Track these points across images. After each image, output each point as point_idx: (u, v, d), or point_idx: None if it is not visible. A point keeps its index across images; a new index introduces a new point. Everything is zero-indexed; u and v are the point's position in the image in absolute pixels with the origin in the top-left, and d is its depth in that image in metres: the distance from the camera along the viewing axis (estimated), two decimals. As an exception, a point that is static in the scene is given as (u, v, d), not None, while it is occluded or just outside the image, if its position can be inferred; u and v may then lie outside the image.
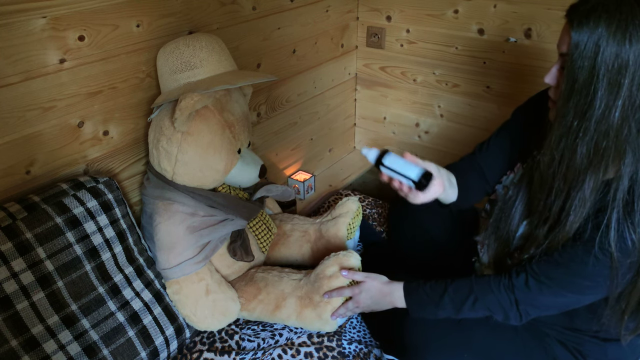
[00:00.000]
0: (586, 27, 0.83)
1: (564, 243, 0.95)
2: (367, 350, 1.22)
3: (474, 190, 1.23)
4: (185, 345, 1.24)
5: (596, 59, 0.83)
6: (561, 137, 0.90)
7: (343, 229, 1.43)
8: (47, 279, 1.00)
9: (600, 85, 0.83)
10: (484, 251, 1.19)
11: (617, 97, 0.83)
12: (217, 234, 1.24)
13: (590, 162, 0.88)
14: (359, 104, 2.21)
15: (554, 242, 0.95)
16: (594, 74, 0.83)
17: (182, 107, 1.08)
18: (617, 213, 0.88)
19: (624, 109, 0.83)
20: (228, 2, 1.42)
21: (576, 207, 0.91)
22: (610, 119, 0.84)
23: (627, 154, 0.86)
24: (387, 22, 1.95)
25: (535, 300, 1.00)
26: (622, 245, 0.87)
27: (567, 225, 0.92)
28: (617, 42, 0.81)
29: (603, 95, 0.84)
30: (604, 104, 0.84)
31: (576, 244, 0.93)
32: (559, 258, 0.96)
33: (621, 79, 0.82)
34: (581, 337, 1.07)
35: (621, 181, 0.87)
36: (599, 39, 0.82)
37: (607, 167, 0.88)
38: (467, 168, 1.23)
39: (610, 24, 0.81)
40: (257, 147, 1.74)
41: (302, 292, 1.26)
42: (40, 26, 1.03)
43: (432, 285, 1.09)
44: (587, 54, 0.83)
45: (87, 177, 1.15)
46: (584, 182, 0.89)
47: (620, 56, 0.81)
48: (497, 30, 1.69)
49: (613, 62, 0.82)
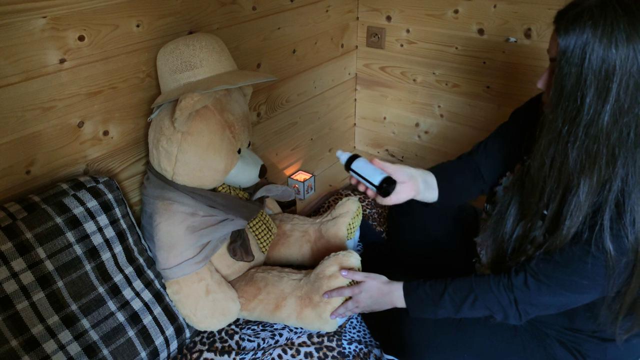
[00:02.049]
0: (572, 33, 0.84)
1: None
2: (367, 350, 1.22)
3: (468, 189, 1.24)
4: (185, 345, 1.24)
5: (583, 65, 0.83)
6: (551, 142, 0.91)
7: (343, 229, 1.43)
8: (47, 279, 1.00)
9: (588, 90, 0.84)
10: (483, 253, 1.19)
11: (606, 101, 0.83)
12: (217, 234, 1.24)
13: (583, 167, 0.88)
14: (359, 104, 2.21)
15: (552, 245, 0.96)
16: (581, 80, 0.84)
17: (182, 107, 1.08)
18: (610, 214, 0.88)
19: (612, 113, 0.84)
20: (228, 2, 1.42)
21: (572, 212, 0.91)
22: (600, 124, 0.85)
23: (619, 157, 0.86)
24: (387, 22, 1.95)
25: (534, 299, 1.00)
26: (618, 244, 0.88)
27: (565, 230, 0.92)
28: (603, 47, 0.82)
29: (591, 101, 0.84)
30: (593, 109, 0.84)
31: (574, 244, 0.93)
32: (558, 258, 0.96)
33: (609, 83, 0.83)
34: (580, 337, 1.07)
35: (614, 182, 0.87)
36: (585, 44, 0.83)
37: (601, 171, 0.88)
38: (462, 167, 1.24)
39: (596, 29, 0.82)
40: (257, 147, 1.74)
41: (302, 292, 1.26)
42: (40, 26, 1.03)
43: (432, 285, 1.09)
44: (574, 60, 0.84)
45: (87, 177, 1.15)
46: (579, 186, 0.89)
47: (607, 61, 0.82)
48: (497, 30, 1.69)
49: (600, 67, 0.82)
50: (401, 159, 2.19)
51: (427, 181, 1.19)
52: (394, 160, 2.21)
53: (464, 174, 1.24)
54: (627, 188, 0.87)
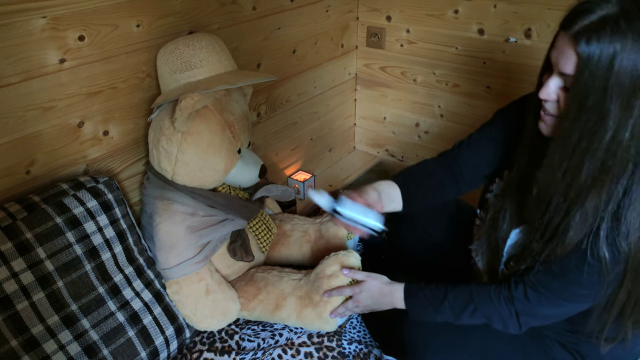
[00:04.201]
0: (596, 43, 0.77)
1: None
2: (367, 351, 1.22)
3: (442, 191, 1.22)
4: (185, 345, 1.24)
5: (609, 78, 0.77)
6: (564, 157, 0.86)
7: (343, 229, 1.43)
8: (47, 279, 1.00)
9: (613, 105, 0.78)
10: (478, 258, 1.19)
11: (630, 116, 0.79)
12: (217, 234, 1.24)
13: (594, 181, 0.85)
14: (359, 104, 2.21)
15: (552, 255, 0.94)
16: (607, 94, 0.78)
17: (182, 107, 1.08)
18: (607, 222, 0.86)
19: (634, 128, 0.80)
20: (228, 2, 1.42)
21: (577, 224, 0.88)
22: (620, 139, 0.80)
23: (628, 170, 0.84)
24: (387, 22, 1.95)
25: (535, 310, 1.00)
26: (612, 253, 0.87)
27: (567, 241, 0.90)
28: (632, 59, 0.76)
29: (616, 116, 0.79)
30: (617, 124, 0.79)
31: (571, 253, 0.92)
32: (556, 268, 0.95)
33: (635, 98, 0.78)
34: (580, 338, 1.07)
35: (615, 192, 0.85)
36: (614, 56, 0.76)
37: (611, 185, 0.85)
38: (438, 167, 1.22)
39: (625, 39, 0.76)
40: (257, 147, 1.74)
41: (302, 291, 1.26)
42: (40, 26, 1.03)
43: (433, 290, 1.09)
44: (600, 73, 0.78)
45: (87, 177, 1.15)
46: (586, 199, 0.86)
47: (635, 74, 0.77)
48: (497, 30, 1.69)
49: (628, 80, 0.77)
50: (401, 159, 2.19)
51: (389, 195, 1.18)
52: (394, 160, 2.21)
53: (438, 174, 1.21)
54: (628, 200, 0.85)
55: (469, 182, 1.21)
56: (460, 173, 1.20)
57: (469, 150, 1.20)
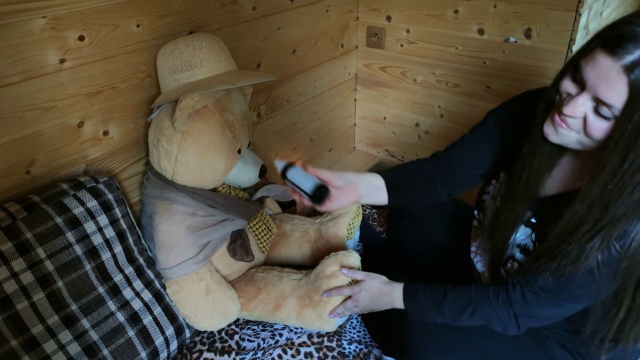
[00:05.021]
0: None
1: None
2: (367, 351, 1.22)
3: (433, 191, 1.20)
4: (185, 345, 1.24)
5: None
6: (603, 191, 0.82)
7: (343, 229, 1.43)
8: (47, 279, 1.00)
9: None
10: (477, 258, 1.19)
11: None
12: (217, 234, 1.24)
13: (625, 213, 0.82)
14: (359, 104, 2.21)
15: (559, 269, 0.92)
16: None
17: (182, 107, 1.08)
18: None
19: None
20: (228, 2, 1.42)
21: (594, 250, 0.85)
22: None
23: None
24: (387, 22, 1.95)
25: (533, 312, 1.00)
26: (604, 255, 0.87)
27: (581, 263, 0.88)
28: None
29: None
30: None
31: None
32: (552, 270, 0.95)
33: None
34: (579, 339, 1.07)
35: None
36: None
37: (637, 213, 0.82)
38: (429, 167, 1.21)
39: None
40: (257, 147, 1.74)
41: (302, 291, 1.26)
42: (40, 26, 1.03)
43: (432, 291, 1.09)
44: None
45: (87, 177, 1.15)
46: (613, 228, 0.83)
47: None
48: (497, 30, 1.69)
49: None
50: (401, 159, 2.19)
51: (370, 184, 1.15)
52: (394, 160, 2.21)
53: (429, 174, 1.20)
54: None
55: (462, 182, 1.20)
56: (453, 173, 1.19)
57: (461, 151, 1.19)
